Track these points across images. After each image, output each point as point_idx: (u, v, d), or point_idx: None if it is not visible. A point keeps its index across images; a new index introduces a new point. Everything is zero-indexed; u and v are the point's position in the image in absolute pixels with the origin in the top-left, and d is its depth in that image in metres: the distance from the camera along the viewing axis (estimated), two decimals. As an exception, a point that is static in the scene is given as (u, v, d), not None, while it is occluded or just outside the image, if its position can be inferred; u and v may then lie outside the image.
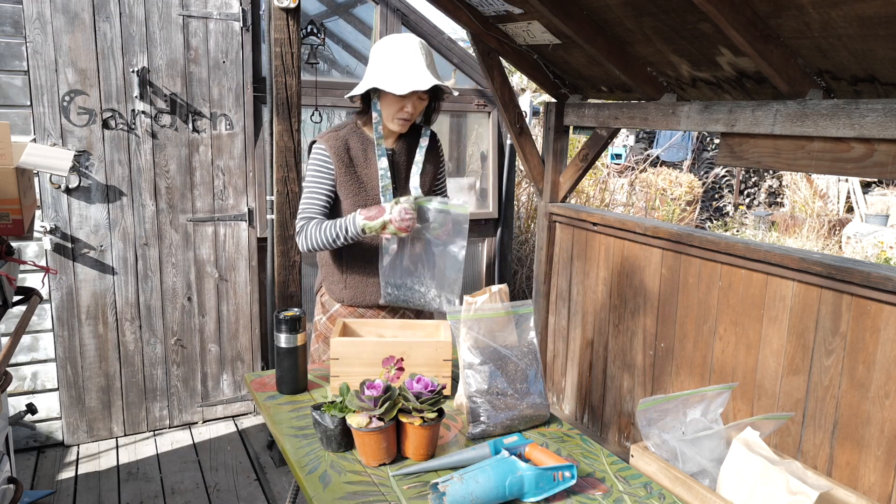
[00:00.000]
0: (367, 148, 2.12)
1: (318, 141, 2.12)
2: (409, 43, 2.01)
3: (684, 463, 1.56)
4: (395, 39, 2.03)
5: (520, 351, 1.74)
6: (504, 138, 4.24)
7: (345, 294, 2.19)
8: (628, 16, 2.34)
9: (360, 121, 2.15)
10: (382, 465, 1.52)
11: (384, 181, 2.08)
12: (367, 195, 2.11)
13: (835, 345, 2.18)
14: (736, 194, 10.35)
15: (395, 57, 1.99)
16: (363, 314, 2.21)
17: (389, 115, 2.05)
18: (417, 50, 2.00)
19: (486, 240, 4.34)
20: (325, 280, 2.25)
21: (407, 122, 2.07)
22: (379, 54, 2.03)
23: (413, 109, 2.04)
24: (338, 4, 3.84)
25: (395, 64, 1.98)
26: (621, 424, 3.13)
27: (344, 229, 2.01)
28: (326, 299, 2.26)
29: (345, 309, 2.22)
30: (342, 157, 2.09)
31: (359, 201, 2.10)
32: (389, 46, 2.02)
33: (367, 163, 2.12)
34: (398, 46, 2.01)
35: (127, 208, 3.19)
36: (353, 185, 2.10)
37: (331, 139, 2.10)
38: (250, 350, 3.57)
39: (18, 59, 2.90)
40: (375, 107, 2.06)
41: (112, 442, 3.33)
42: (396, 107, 2.03)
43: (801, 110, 2.11)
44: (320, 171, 2.10)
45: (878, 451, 2.07)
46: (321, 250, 2.12)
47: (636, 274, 2.97)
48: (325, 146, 2.09)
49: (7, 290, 1.85)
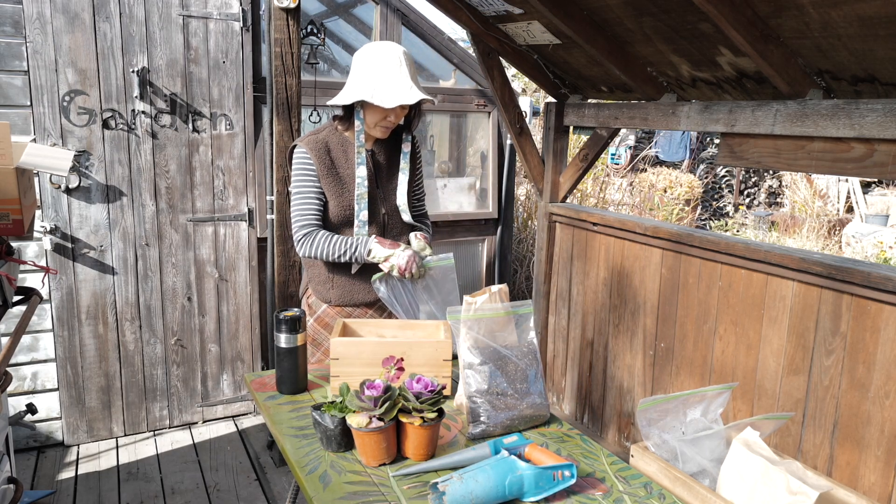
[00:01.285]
0: (347, 149, 2.15)
1: (297, 145, 2.13)
2: (392, 53, 2.01)
3: (684, 463, 1.56)
4: (378, 49, 2.03)
5: (520, 351, 1.74)
6: (504, 138, 4.24)
7: (332, 294, 2.20)
8: (628, 16, 2.34)
9: (341, 126, 2.17)
10: (382, 465, 1.52)
11: (360, 189, 2.09)
12: (349, 196, 2.13)
13: (835, 345, 2.18)
14: (736, 194, 10.35)
15: (380, 68, 2.00)
16: (350, 314, 2.22)
17: (372, 122, 2.09)
18: (402, 61, 2.01)
19: (486, 240, 4.34)
20: (312, 281, 2.26)
21: (389, 129, 2.12)
22: (362, 64, 2.03)
23: (396, 118, 2.09)
24: (338, 4, 3.84)
25: (381, 75, 1.99)
26: (621, 424, 3.13)
27: (353, 248, 2.06)
28: (313, 301, 2.26)
29: (332, 309, 2.23)
30: (323, 158, 2.10)
31: (342, 202, 2.12)
32: (373, 56, 2.02)
33: (349, 163, 2.14)
34: (382, 57, 2.01)
35: (127, 208, 3.19)
36: (336, 187, 2.12)
37: (311, 142, 2.12)
38: (250, 350, 3.57)
39: (18, 59, 2.90)
40: (359, 115, 2.08)
41: (112, 442, 3.33)
42: (380, 116, 2.06)
43: (801, 110, 2.11)
44: (306, 174, 2.11)
45: (878, 451, 2.07)
46: (322, 260, 2.13)
47: (636, 274, 2.97)
48: (306, 149, 2.11)
49: (7, 290, 1.85)
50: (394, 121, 2.09)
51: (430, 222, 2.39)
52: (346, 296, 2.19)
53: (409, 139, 2.22)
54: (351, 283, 2.18)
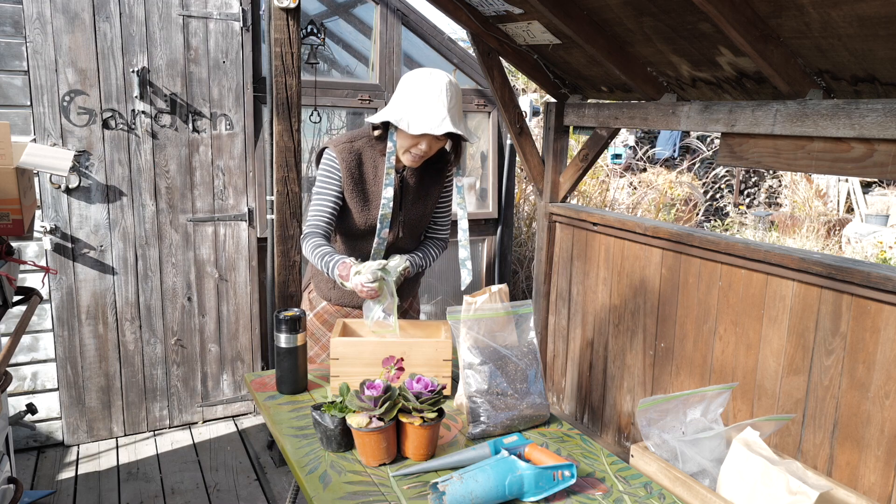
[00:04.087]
0: (378, 166, 2.09)
1: (329, 148, 2.08)
2: (435, 81, 1.93)
3: (684, 463, 1.56)
4: (424, 75, 1.95)
5: (520, 351, 1.74)
6: (504, 138, 4.24)
7: (332, 294, 2.22)
8: (628, 16, 2.34)
9: (377, 142, 2.09)
10: (382, 465, 1.52)
11: (384, 210, 2.04)
12: (371, 213, 2.10)
13: (835, 345, 2.18)
14: (736, 194, 10.35)
15: (419, 94, 1.92)
16: (349, 313, 2.23)
17: (402, 147, 2.01)
18: (443, 91, 1.92)
19: (486, 240, 4.34)
20: (314, 277, 2.27)
21: (420, 158, 2.02)
22: (405, 87, 1.97)
23: (427, 149, 1.99)
24: (338, 4, 3.84)
25: (417, 101, 1.92)
26: (621, 424, 3.13)
27: (327, 269, 1.98)
28: (314, 296, 2.28)
29: (331, 307, 2.24)
30: (353, 171, 2.06)
31: (365, 216, 2.09)
32: (416, 81, 1.95)
33: (377, 181, 2.09)
34: (424, 83, 1.93)
35: (127, 208, 3.19)
36: (360, 201, 2.09)
37: (344, 151, 2.05)
38: (250, 350, 3.57)
39: (18, 59, 2.90)
40: (392, 137, 2.00)
41: (112, 442, 3.33)
42: (410, 143, 1.98)
43: (801, 110, 2.11)
44: (329, 179, 2.07)
45: (878, 451, 2.07)
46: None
47: (636, 274, 2.97)
48: (336, 155, 2.05)
49: (7, 290, 1.85)
50: (425, 150, 1.98)
51: (439, 247, 2.28)
52: (345, 296, 2.20)
53: (449, 174, 2.18)
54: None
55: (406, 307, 2.32)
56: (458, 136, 2.02)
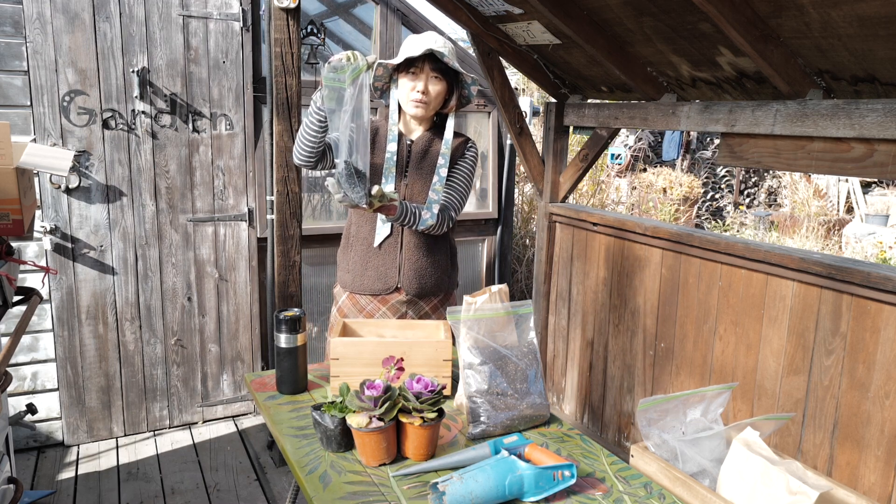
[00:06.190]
0: (385, 136, 2.19)
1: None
2: (429, 34, 2.08)
3: (684, 463, 1.56)
4: (418, 35, 2.11)
5: (520, 351, 1.74)
6: (504, 138, 4.24)
7: (346, 278, 2.28)
8: (628, 16, 2.34)
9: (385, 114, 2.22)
10: (382, 465, 1.52)
11: (388, 164, 2.10)
12: (379, 178, 2.18)
13: (835, 345, 2.18)
14: (736, 194, 10.35)
15: (411, 44, 2.07)
16: (364, 307, 2.27)
17: (404, 98, 2.10)
18: (435, 36, 2.06)
19: (486, 240, 4.34)
20: (338, 268, 2.35)
21: (421, 103, 2.08)
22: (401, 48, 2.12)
23: (425, 88, 2.07)
24: (338, 4, 3.84)
25: (409, 46, 2.06)
26: (621, 424, 3.13)
27: (309, 112, 2.01)
28: (337, 290, 2.35)
29: (349, 300, 2.29)
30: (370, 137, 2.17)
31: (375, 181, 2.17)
32: (410, 39, 2.10)
33: (380, 151, 2.18)
34: (418, 37, 2.08)
35: (127, 208, 3.19)
36: (373, 169, 2.16)
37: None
38: (250, 350, 3.57)
39: (18, 59, 2.90)
40: (392, 96, 2.11)
41: (112, 442, 3.33)
42: (409, 86, 2.07)
43: (801, 110, 2.11)
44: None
45: (878, 451, 2.07)
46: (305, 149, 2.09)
47: (636, 274, 2.97)
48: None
49: (7, 290, 1.85)
50: (422, 89, 2.06)
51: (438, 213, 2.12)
52: (357, 280, 2.25)
53: (464, 145, 2.22)
54: (364, 267, 2.23)
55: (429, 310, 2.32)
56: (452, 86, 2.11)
